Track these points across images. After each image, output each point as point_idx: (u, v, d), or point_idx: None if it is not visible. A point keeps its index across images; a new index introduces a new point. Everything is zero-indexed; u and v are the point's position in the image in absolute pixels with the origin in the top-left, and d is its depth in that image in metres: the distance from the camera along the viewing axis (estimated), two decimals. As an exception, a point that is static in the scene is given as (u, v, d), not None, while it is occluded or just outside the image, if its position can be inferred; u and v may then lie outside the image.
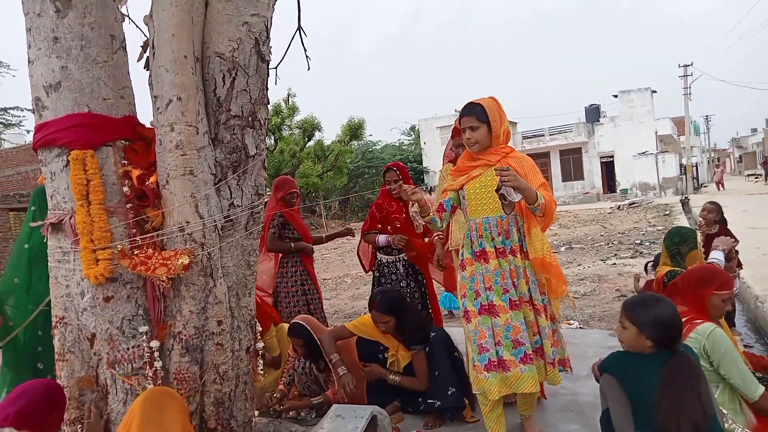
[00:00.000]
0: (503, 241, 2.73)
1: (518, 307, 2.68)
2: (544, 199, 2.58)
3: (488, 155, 2.77)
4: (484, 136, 2.75)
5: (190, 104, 2.19)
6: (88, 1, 2.16)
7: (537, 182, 2.66)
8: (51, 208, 2.25)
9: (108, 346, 2.19)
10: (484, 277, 2.72)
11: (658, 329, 2.03)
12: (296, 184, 4.58)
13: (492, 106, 2.75)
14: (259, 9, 2.33)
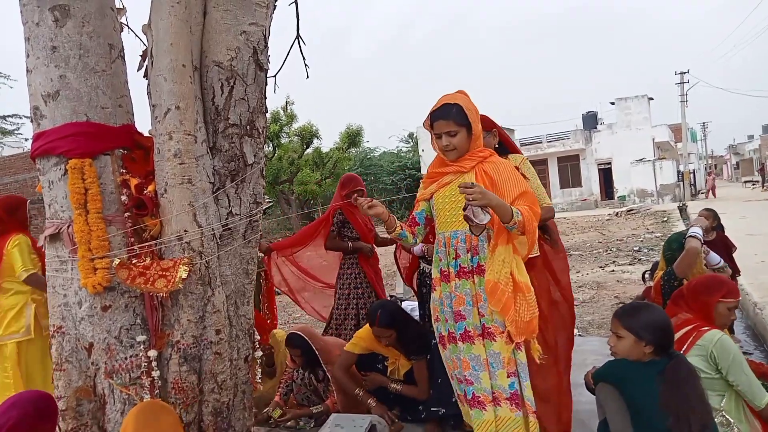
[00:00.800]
0: (471, 259, 2.39)
1: (471, 339, 2.36)
2: (521, 216, 2.22)
3: (462, 161, 2.42)
4: (463, 142, 2.39)
5: (189, 113, 2.19)
6: (86, 10, 2.17)
7: (514, 193, 2.31)
8: (49, 217, 2.25)
9: (106, 355, 2.18)
10: (452, 300, 2.42)
11: (656, 334, 2.04)
12: (362, 181, 4.42)
13: (469, 105, 2.40)
14: (257, 18, 2.34)
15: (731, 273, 4.97)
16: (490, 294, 2.27)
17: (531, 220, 2.26)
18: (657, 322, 2.05)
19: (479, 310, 2.35)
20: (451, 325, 2.41)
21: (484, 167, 2.39)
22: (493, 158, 2.43)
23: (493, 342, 2.32)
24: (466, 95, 2.44)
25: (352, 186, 4.31)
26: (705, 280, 2.51)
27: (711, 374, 2.20)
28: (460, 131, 2.37)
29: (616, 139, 30.58)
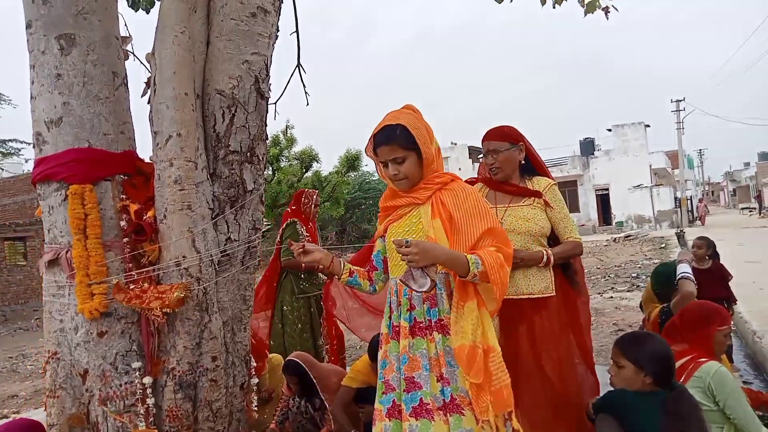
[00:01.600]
0: (429, 311, 1.92)
1: (428, 414, 1.85)
2: (483, 265, 1.78)
3: (416, 191, 1.99)
4: (414, 168, 1.95)
5: (190, 140, 2.22)
6: (91, 39, 2.21)
7: (477, 230, 1.87)
8: (48, 242, 2.25)
9: (100, 382, 2.16)
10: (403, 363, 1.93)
11: (657, 365, 2.03)
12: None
13: (417, 123, 1.95)
14: (259, 48, 2.38)
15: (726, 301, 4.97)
16: (466, 363, 1.79)
17: (497, 268, 1.81)
18: (658, 353, 2.04)
19: (442, 376, 1.86)
20: (399, 394, 1.90)
21: (443, 197, 1.95)
22: (454, 185, 1.99)
23: (462, 416, 1.82)
24: (414, 111, 2.02)
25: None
26: (699, 310, 2.51)
27: (709, 406, 2.19)
28: (409, 156, 1.94)
29: (613, 165, 30.79)
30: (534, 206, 2.51)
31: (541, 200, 2.52)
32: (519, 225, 2.48)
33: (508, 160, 2.53)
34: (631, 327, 6.41)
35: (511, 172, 2.56)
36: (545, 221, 2.52)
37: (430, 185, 1.98)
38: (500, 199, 2.57)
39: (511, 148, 2.53)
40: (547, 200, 2.52)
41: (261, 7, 2.37)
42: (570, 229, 2.56)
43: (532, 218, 2.48)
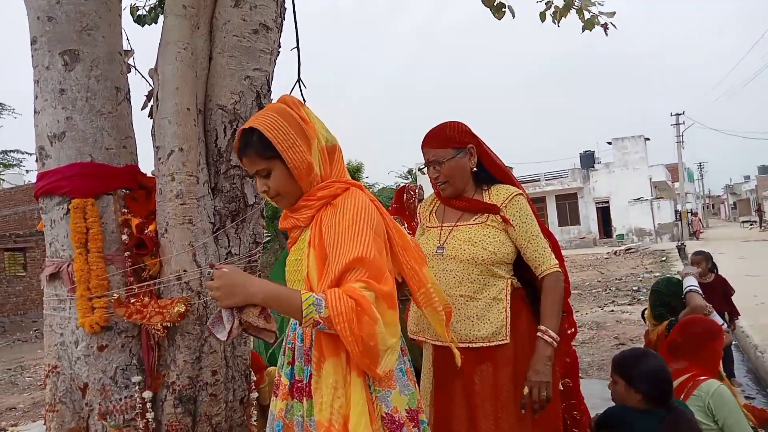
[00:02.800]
0: (303, 369, 1.52)
1: None
2: (325, 308, 1.31)
3: (298, 210, 1.58)
4: (284, 182, 1.55)
5: (192, 155, 2.23)
6: (95, 55, 2.24)
7: (343, 259, 1.39)
8: (49, 256, 2.26)
9: (100, 396, 2.16)
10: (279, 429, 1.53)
11: (647, 383, 2.03)
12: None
13: (276, 123, 1.49)
14: (261, 64, 2.41)
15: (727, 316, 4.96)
16: None
17: (347, 314, 1.31)
18: (651, 373, 2.04)
19: None
20: None
21: (323, 217, 1.52)
22: (339, 200, 1.52)
23: None
24: (286, 106, 1.54)
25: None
26: (702, 326, 2.50)
27: (709, 425, 2.19)
28: (274, 167, 1.53)
29: (613, 178, 30.88)
30: (487, 225, 2.00)
31: (497, 216, 2.00)
32: (461, 250, 1.98)
33: (456, 171, 2.03)
34: (632, 341, 6.40)
35: (462, 185, 2.06)
36: (503, 244, 1.98)
37: (311, 201, 1.54)
38: (448, 216, 2.09)
39: (457, 155, 2.01)
40: (505, 216, 1.98)
41: (263, 23, 2.39)
42: (542, 255, 1.97)
43: (480, 241, 1.96)
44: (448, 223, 2.08)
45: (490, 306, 1.96)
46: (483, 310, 1.96)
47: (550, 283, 1.96)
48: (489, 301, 1.96)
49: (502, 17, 3.74)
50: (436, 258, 2.04)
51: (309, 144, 1.52)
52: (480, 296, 1.97)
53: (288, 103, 1.57)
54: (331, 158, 1.58)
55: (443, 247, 2.03)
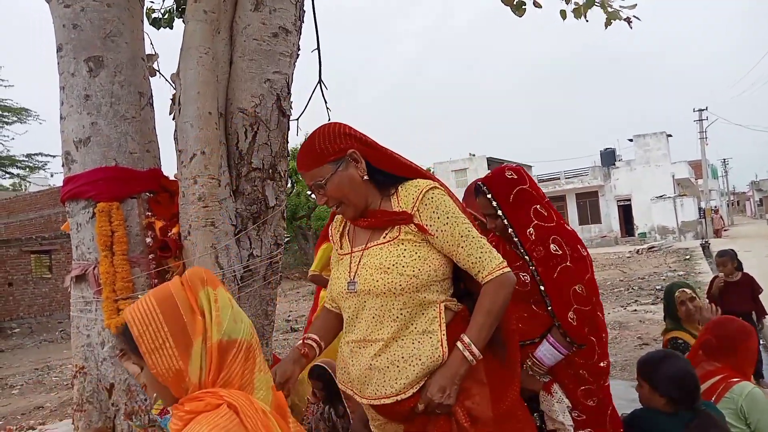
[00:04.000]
0: None
1: None
2: None
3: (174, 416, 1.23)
4: (152, 382, 1.20)
5: (213, 158, 2.26)
6: (119, 60, 2.28)
7: None
8: (75, 259, 2.30)
9: (126, 396, 2.20)
10: None
11: (671, 386, 2.00)
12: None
13: (149, 320, 1.14)
14: (281, 67, 2.43)
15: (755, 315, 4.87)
16: None
17: None
18: (674, 375, 2.01)
19: None
20: None
21: None
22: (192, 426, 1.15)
23: None
24: (172, 291, 1.20)
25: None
26: (735, 326, 2.43)
27: (741, 428, 2.14)
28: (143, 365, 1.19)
29: (635, 175, 30.45)
30: (401, 240, 1.60)
31: (411, 226, 1.59)
32: (375, 282, 1.58)
33: (343, 187, 1.62)
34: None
35: (361, 199, 1.65)
36: (425, 261, 1.58)
37: (179, 413, 1.17)
38: (359, 238, 1.71)
39: (337, 169, 1.61)
40: (419, 223, 1.59)
41: (282, 27, 2.41)
42: (480, 257, 1.59)
43: (394, 265, 1.57)
44: (358, 247, 1.67)
45: (420, 342, 1.57)
46: (411, 350, 1.56)
47: (491, 288, 1.56)
48: (417, 337, 1.57)
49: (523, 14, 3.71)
50: (348, 297, 1.65)
51: (187, 344, 1.16)
52: (405, 334, 1.58)
53: (187, 283, 1.23)
54: (223, 358, 1.17)
55: (354, 281, 1.62)
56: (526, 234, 2.10)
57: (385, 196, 1.67)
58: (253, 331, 1.24)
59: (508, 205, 2.14)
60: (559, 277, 2.03)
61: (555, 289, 2.03)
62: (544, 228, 2.10)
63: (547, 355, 2.04)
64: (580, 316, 2.00)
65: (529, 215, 2.12)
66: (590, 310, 2.02)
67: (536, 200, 2.15)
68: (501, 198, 2.15)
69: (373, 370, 1.60)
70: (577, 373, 2.08)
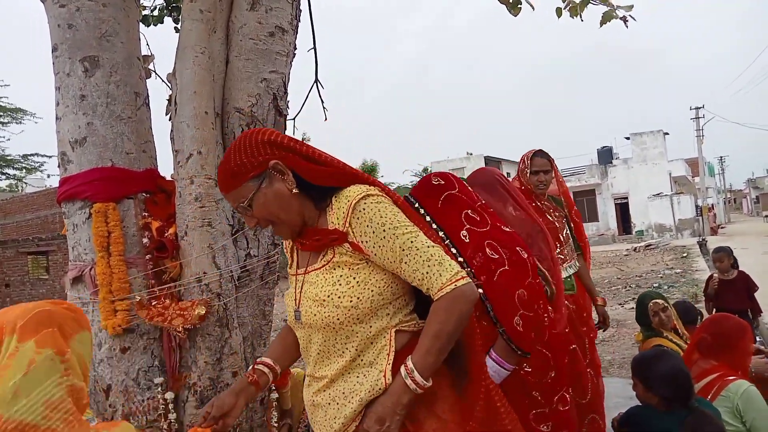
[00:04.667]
0: None
1: None
2: None
3: None
4: None
5: (210, 158, 2.25)
6: (114, 60, 2.27)
7: None
8: (72, 260, 2.29)
9: (123, 397, 2.19)
10: None
11: (663, 385, 2.01)
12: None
13: None
14: (277, 66, 2.42)
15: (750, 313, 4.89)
16: None
17: None
18: (667, 374, 2.02)
19: None
20: None
21: None
22: None
23: None
24: None
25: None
26: (731, 324, 2.44)
27: (736, 426, 2.15)
28: None
29: (632, 173, 30.52)
30: (336, 264, 1.43)
31: (345, 246, 1.41)
32: (313, 316, 1.43)
33: (271, 206, 1.44)
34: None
35: (295, 217, 1.46)
36: (365, 286, 1.40)
37: None
38: (302, 257, 1.56)
39: (261, 186, 1.43)
40: (353, 242, 1.40)
41: (279, 26, 2.40)
42: (429, 271, 1.37)
43: (330, 296, 1.40)
44: (301, 269, 1.52)
45: (364, 376, 1.42)
46: (353, 386, 1.42)
47: (441, 305, 1.35)
48: (362, 370, 1.42)
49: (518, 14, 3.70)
50: (297, 327, 1.54)
51: None
52: (351, 368, 1.44)
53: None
54: None
55: (299, 310, 1.49)
56: (460, 237, 1.93)
57: (322, 211, 1.47)
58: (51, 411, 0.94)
59: (437, 213, 1.98)
60: (500, 280, 1.88)
61: (497, 293, 1.86)
62: (477, 233, 1.93)
63: (491, 373, 1.74)
64: (527, 321, 1.85)
65: (461, 220, 1.95)
66: (535, 316, 1.87)
67: (467, 205, 1.99)
68: (429, 206, 1.98)
69: (316, 407, 1.48)
70: (528, 395, 1.95)
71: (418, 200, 2.01)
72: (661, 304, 3.30)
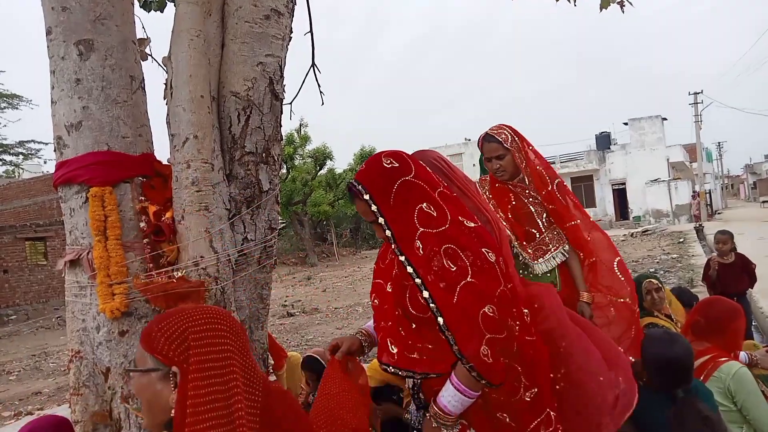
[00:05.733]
0: None
1: None
2: None
3: None
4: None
5: (206, 142, 2.25)
6: (109, 44, 2.25)
7: None
8: (69, 244, 2.30)
9: (122, 380, 2.21)
10: None
11: (652, 368, 2.05)
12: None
13: None
14: (273, 50, 2.41)
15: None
16: None
17: None
18: (659, 359, 2.05)
19: None
20: None
21: None
22: None
23: None
24: None
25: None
26: (723, 306, 2.48)
27: (728, 406, 2.18)
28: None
29: (629, 159, 30.50)
30: None
31: None
32: None
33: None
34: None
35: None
36: None
37: None
38: None
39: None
40: None
41: (275, 9, 2.39)
42: None
43: None
44: None
45: None
46: None
47: None
48: None
49: (516, -3, 3.68)
50: None
51: None
52: None
53: None
54: None
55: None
56: (414, 250, 1.63)
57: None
58: None
59: (389, 209, 1.66)
60: (460, 301, 1.57)
61: (457, 317, 1.57)
62: (432, 236, 1.62)
63: (452, 402, 1.60)
64: (495, 347, 1.55)
65: (414, 221, 1.64)
66: (507, 337, 1.58)
67: (424, 196, 1.67)
68: (380, 198, 1.67)
69: None
70: (492, 417, 1.66)
71: (368, 190, 1.68)
72: (655, 283, 3.29)
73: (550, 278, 2.70)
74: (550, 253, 2.74)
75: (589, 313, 2.56)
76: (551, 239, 2.76)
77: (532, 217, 2.76)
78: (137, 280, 2.18)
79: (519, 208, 2.76)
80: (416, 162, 1.73)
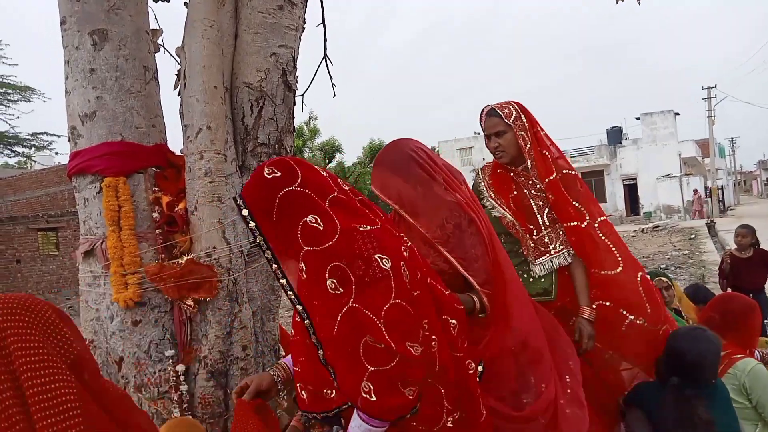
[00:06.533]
0: None
1: None
2: None
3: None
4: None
5: (219, 133, 2.25)
6: (123, 34, 2.25)
7: None
8: (83, 234, 2.31)
9: (135, 369, 2.22)
10: None
11: (666, 357, 2.03)
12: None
13: None
14: (287, 41, 2.40)
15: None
16: None
17: None
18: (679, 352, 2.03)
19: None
20: None
21: None
22: None
23: None
24: None
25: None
26: (740, 302, 2.45)
27: (743, 403, 2.16)
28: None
29: (641, 154, 30.25)
30: None
31: None
32: None
33: None
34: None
35: None
36: None
37: None
38: None
39: None
40: None
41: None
42: None
43: None
44: None
45: None
46: None
47: None
48: None
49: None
50: None
51: None
52: None
53: None
54: None
55: None
56: (297, 273, 1.45)
57: None
58: None
59: (271, 226, 1.44)
60: (340, 331, 1.39)
61: (337, 349, 1.41)
62: (317, 254, 1.41)
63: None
64: (382, 382, 1.37)
65: (297, 239, 1.42)
66: (396, 367, 1.37)
67: (309, 207, 1.43)
68: (260, 214, 1.44)
69: None
70: None
71: (248, 206, 1.45)
72: (665, 281, 3.24)
73: (544, 284, 2.36)
74: (548, 255, 2.35)
75: (589, 332, 2.20)
76: (552, 239, 2.37)
77: (531, 212, 2.40)
78: (150, 270, 2.19)
79: (519, 200, 2.42)
80: (306, 168, 1.48)
